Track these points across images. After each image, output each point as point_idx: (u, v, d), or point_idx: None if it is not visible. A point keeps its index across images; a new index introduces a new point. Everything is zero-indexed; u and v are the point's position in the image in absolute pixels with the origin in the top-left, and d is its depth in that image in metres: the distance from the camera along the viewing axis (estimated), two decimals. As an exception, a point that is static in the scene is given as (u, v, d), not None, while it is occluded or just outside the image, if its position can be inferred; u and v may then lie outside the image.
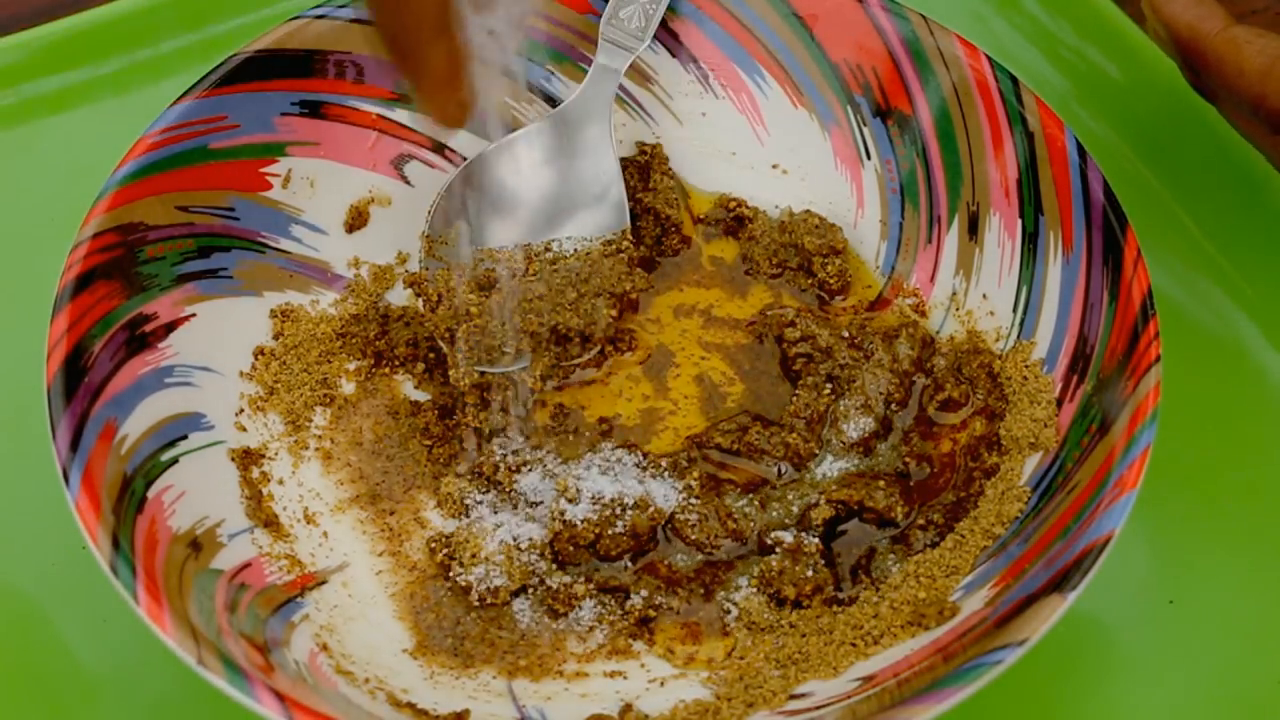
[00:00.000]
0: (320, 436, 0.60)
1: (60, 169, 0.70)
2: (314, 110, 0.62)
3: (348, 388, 0.61)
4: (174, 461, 0.54)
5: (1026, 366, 0.58)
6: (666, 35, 0.66)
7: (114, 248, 0.56)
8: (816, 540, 0.56)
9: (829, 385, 0.60)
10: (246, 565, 0.54)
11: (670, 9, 0.65)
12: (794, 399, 0.59)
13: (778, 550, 0.56)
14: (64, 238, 0.57)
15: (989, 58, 0.61)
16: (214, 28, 0.74)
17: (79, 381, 0.52)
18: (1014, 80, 0.60)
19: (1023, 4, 0.75)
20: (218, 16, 0.74)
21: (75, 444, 0.51)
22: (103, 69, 0.73)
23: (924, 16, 0.62)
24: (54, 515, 0.57)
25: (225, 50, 0.62)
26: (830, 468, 0.58)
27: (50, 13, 0.75)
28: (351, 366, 0.62)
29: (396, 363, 0.62)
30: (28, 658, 0.57)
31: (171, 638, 0.47)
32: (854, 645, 0.53)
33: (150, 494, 0.52)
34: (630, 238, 0.63)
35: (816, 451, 0.58)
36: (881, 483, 0.57)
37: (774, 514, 0.57)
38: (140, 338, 0.56)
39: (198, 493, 0.55)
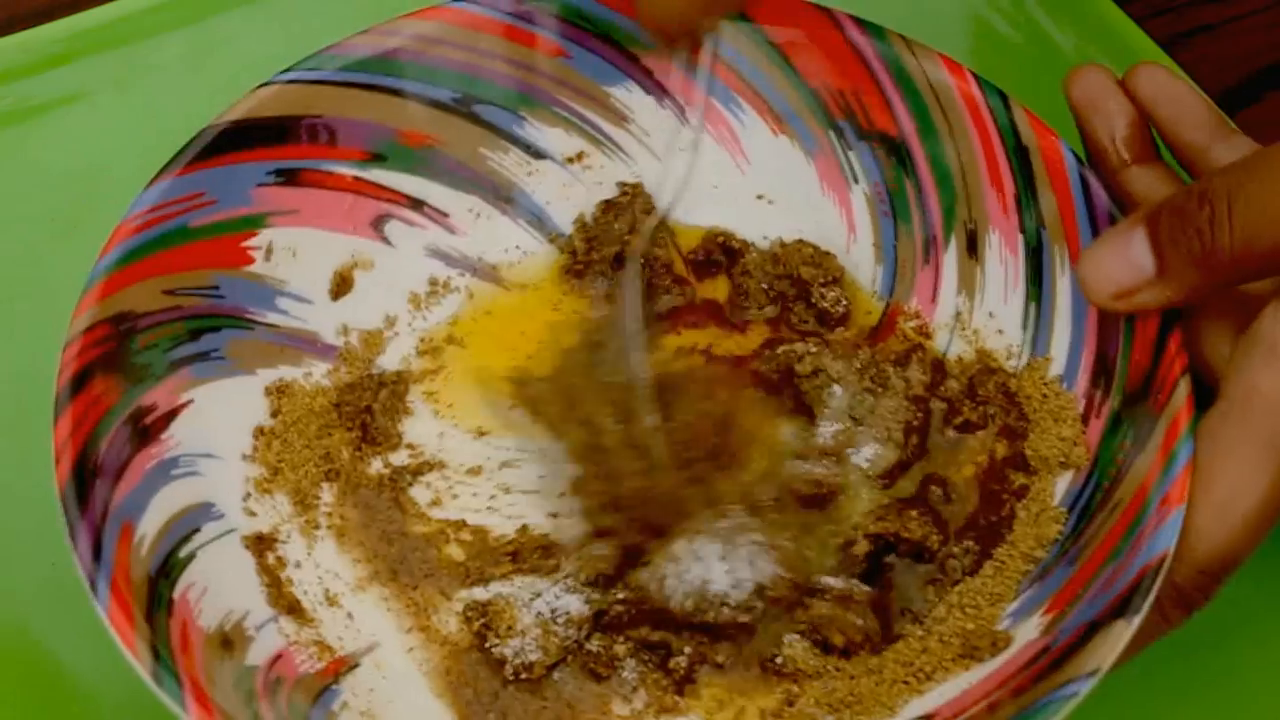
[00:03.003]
0: (330, 514, 0.58)
1: (60, 169, 0.70)
2: (290, 178, 0.61)
3: (349, 461, 0.60)
4: (192, 557, 0.53)
5: (1045, 384, 0.57)
6: (639, 71, 0.64)
7: (107, 340, 0.54)
8: (866, 588, 0.55)
9: (848, 417, 0.59)
10: (278, 657, 0.52)
11: (639, 45, 0.64)
12: (815, 435, 0.59)
13: (826, 597, 0.55)
14: (64, 238, 0.57)
15: (975, 75, 0.60)
16: (214, 27, 0.74)
17: (90, 486, 0.51)
18: (1003, 96, 0.60)
19: (1023, 4, 0.75)
20: (216, 15, 0.74)
21: (97, 553, 0.49)
22: (102, 69, 0.72)
23: (904, 37, 0.61)
24: (54, 515, 0.55)
25: (225, 49, 0.61)
26: (857, 502, 0.58)
27: (50, 13, 0.74)
28: (351, 438, 0.60)
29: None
30: (27, 660, 0.56)
31: (228, 748, 0.46)
32: (906, 683, 0.52)
33: (176, 595, 0.51)
34: None
35: (844, 487, 0.58)
36: (914, 512, 0.56)
37: (810, 553, 0.56)
38: (142, 430, 0.54)
39: (219, 587, 0.53)
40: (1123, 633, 0.47)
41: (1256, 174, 0.49)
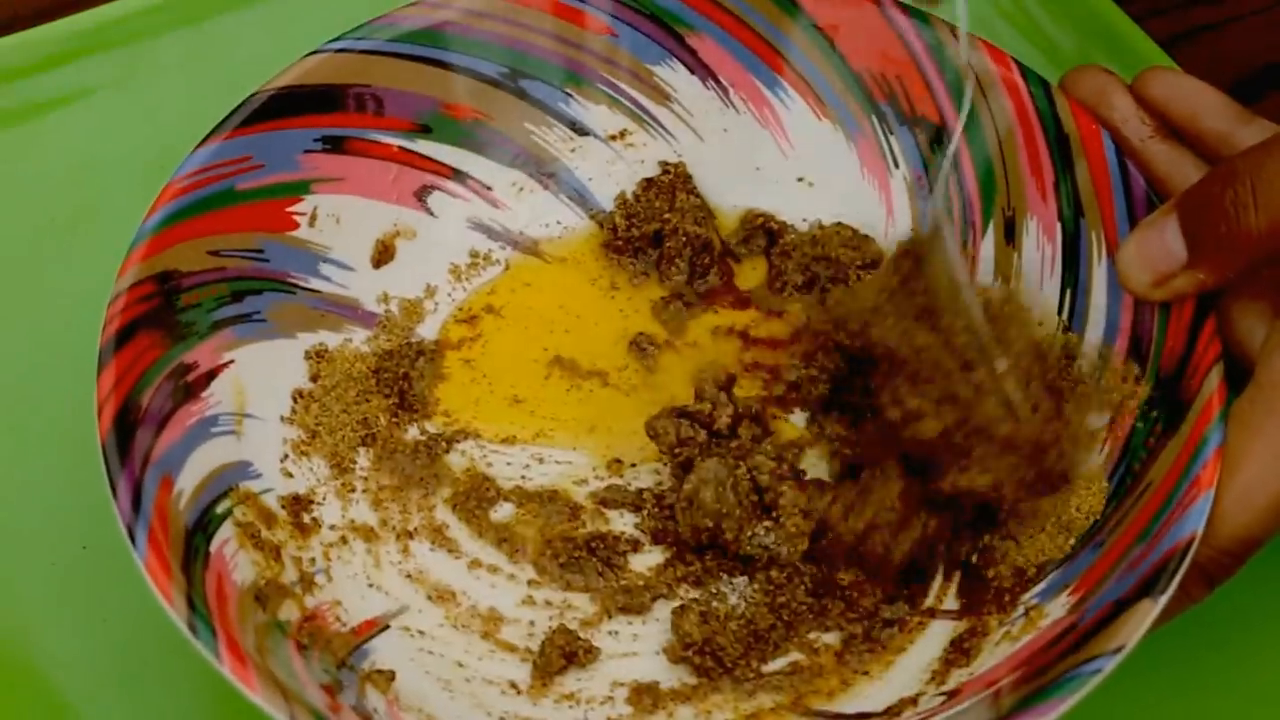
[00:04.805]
0: (366, 478, 0.59)
1: (60, 169, 0.70)
2: (337, 145, 0.61)
3: (386, 427, 0.60)
4: (229, 513, 0.53)
5: (1077, 374, 0.57)
6: (683, 51, 0.65)
7: (152, 297, 0.55)
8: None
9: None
10: (311, 615, 0.53)
11: (686, 25, 0.64)
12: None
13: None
14: (64, 238, 0.56)
15: (1018, 63, 0.61)
16: (214, 27, 0.74)
17: (131, 438, 0.51)
18: (1044, 84, 0.60)
19: (1023, 4, 0.75)
20: (217, 14, 0.74)
21: (137, 503, 0.50)
22: (102, 69, 0.73)
23: (947, 23, 0.62)
24: (54, 515, 0.57)
25: (224, 48, 0.61)
26: None
27: (50, 13, 0.74)
28: (388, 405, 0.61)
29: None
30: (28, 658, 0.56)
31: (260, 697, 0.46)
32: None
33: (212, 549, 0.51)
34: None
35: None
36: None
37: None
38: (184, 387, 0.55)
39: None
40: (1149, 612, 0.47)
41: (1278, 154, 0.49)
